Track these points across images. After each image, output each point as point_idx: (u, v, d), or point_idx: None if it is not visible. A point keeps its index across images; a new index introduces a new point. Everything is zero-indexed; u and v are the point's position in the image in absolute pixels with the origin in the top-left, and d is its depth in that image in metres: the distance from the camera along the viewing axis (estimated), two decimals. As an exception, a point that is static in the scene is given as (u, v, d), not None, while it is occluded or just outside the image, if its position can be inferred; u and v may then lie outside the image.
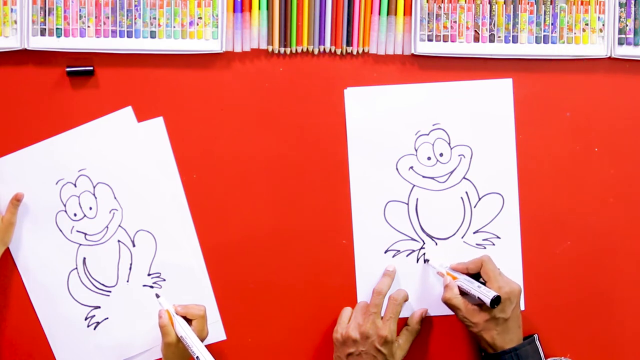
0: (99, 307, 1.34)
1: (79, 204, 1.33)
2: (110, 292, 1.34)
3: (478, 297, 1.24)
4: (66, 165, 1.33)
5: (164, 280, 1.34)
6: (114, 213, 1.34)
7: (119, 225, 1.34)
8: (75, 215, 1.33)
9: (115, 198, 1.33)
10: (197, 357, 1.21)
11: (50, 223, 1.32)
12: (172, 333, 1.26)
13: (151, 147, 1.33)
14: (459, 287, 1.27)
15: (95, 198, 1.33)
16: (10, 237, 1.32)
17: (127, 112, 1.33)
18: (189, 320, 1.28)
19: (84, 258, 1.34)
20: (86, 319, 1.34)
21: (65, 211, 1.33)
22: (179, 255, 1.34)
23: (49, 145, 1.33)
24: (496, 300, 1.23)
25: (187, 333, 1.24)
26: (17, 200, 1.31)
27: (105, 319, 1.34)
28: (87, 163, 1.33)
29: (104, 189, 1.33)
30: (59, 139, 1.33)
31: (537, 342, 1.29)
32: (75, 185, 1.33)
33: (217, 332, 1.35)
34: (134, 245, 1.34)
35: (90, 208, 1.33)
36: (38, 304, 1.34)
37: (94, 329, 1.34)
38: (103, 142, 1.33)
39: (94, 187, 1.33)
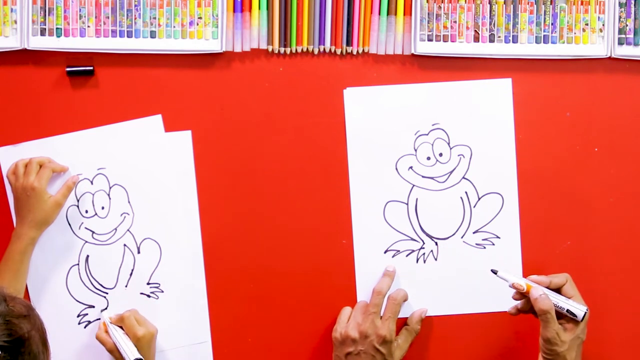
0: (93, 307, 1.35)
1: (92, 201, 1.33)
2: (107, 294, 1.34)
3: (567, 310, 1.21)
4: (86, 161, 1.33)
5: (162, 292, 1.34)
6: (125, 216, 1.34)
7: (128, 230, 1.34)
8: (86, 212, 1.33)
9: (129, 202, 1.33)
10: (126, 354, 1.25)
11: (60, 215, 1.31)
12: (109, 340, 1.28)
13: (175, 159, 1.33)
14: None
15: (110, 199, 1.33)
16: (54, 218, 1.30)
17: (156, 120, 1.33)
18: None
19: (87, 256, 1.34)
20: (78, 316, 1.34)
21: (77, 206, 1.33)
22: (182, 270, 1.34)
23: (74, 138, 1.32)
24: (584, 316, 1.21)
25: (115, 335, 1.27)
26: (73, 182, 1.31)
27: (97, 319, 1.34)
28: (107, 163, 1.33)
29: (120, 191, 1.33)
30: (84, 134, 1.32)
31: None
32: (91, 183, 1.33)
33: (204, 353, 1.35)
34: (139, 252, 1.34)
35: (103, 207, 1.33)
36: (33, 293, 1.33)
37: (84, 327, 1.35)
38: (127, 145, 1.33)
39: (110, 188, 1.33)
